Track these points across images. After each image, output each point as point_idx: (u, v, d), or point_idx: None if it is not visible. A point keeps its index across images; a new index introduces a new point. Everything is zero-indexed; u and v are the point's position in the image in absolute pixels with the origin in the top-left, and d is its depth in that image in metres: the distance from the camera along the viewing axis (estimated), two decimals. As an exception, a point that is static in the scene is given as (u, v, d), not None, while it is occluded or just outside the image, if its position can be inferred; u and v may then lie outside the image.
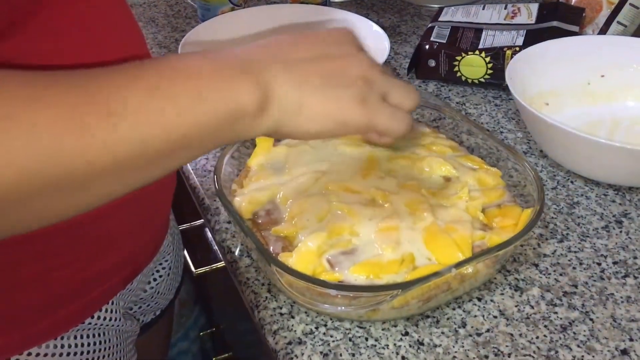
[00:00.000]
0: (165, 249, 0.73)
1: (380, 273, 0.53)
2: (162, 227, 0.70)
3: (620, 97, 0.83)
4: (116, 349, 0.63)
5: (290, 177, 0.63)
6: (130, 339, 0.68)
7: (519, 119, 0.84)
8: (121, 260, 0.60)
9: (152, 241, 0.67)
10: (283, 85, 0.41)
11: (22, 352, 0.54)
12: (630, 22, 0.92)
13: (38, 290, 0.53)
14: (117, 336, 0.64)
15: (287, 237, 0.57)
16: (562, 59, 0.83)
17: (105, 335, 0.61)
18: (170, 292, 0.78)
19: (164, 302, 0.77)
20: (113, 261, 0.59)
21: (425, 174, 0.64)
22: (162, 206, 0.66)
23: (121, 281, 0.62)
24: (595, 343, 0.54)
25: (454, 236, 0.56)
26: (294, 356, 0.52)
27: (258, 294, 0.58)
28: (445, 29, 0.94)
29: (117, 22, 0.53)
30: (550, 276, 0.60)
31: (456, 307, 0.57)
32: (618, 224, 0.66)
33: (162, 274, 0.74)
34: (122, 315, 0.64)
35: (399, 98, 0.47)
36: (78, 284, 0.56)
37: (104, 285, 0.59)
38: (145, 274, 0.68)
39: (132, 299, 0.68)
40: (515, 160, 0.63)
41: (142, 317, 0.75)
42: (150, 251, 0.67)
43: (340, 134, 0.45)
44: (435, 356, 0.52)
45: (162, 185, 0.63)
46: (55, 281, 0.54)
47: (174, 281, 0.78)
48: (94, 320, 0.59)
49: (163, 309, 0.79)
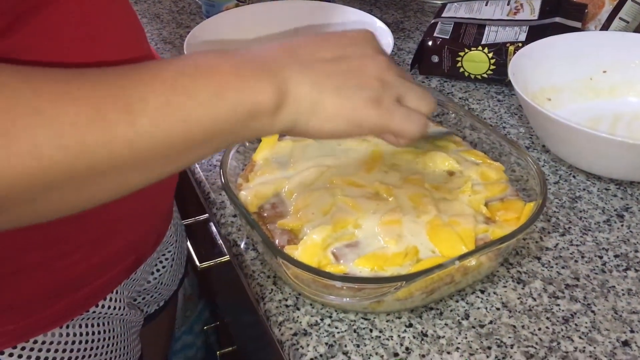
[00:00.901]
0: (169, 239, 0.74)
1: (384, 265, 0.54)
2: (165, 217, 0.71)
3: (622, 92, 0.84)
4: (120, 339, 0.64)
5: (295, 171, 0.64)
6: (134, 329, 0.69)
7: (521, 114, 0.85)
8: (124, 249, 0.61)
9: (155, 230, 0.68)
10: (300, 85, 0.42)
11: (28, 340, 0.55)
12: (632, 18, 0.92)
13: (42, 278, 0.54)
14: (121, 326, 0.65)
15: (293, 230, 0.58)
16: (565, 55, 0.83)
17: (109, 325, 0.62)
18: (174, 284, 0.79)
19: (167, 293, 0.78)
20: (116, 250, 0.60)
21: (429, 168, 0.65)
22: (165, 195, 0.67)
23: (125, 270, 0.63)
24: (597, 335, 0.54)
25: (457, 229, 0.57)
26: (299, 347, 0.53)
27: (264, 287, 0.59)
28: (448, 24, 0.94)
29: (118, 18, 0.53)
30: (552, 269, 0.61)
31: (459, 299, 0.58)
32: (619, 218, 0.67)
33: (166, 265, 0.75)
34: (126, 304, 0.65)
35: (415, 101, 0.47)
36: (82, 272, 0.56)
37: (108, 274, 0.60)
38: (149, 264, 0.69)
39: (137, 288, 0.69)
40: (518, 154, 0.64)
41: (146, 308, 0.76)
42: (153, 240, 0.68)
43: (355, 135, 0.46)
44: (439, 347, 0.53)
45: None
46: (59, 269, 0.54)
47: (177, 272, 0.79)
48: (98, 309, 0.60)
49: (167, 300, 0.80)
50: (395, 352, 0.53)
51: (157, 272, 0.74)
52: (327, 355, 0.52)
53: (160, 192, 0.65)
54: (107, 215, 0.56)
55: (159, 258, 0.74)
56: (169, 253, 0.75)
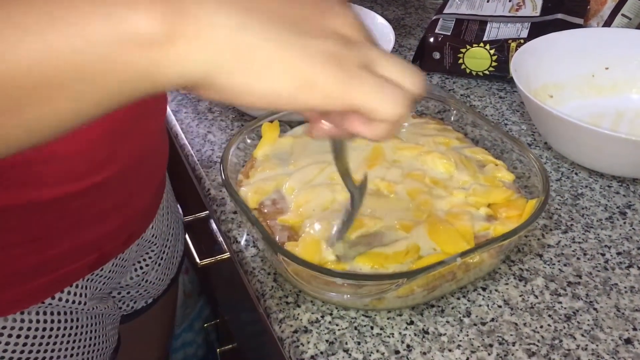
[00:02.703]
0: (150, 239, 0.72)
1: (385, 263, 0.53)
2: (139, 217, 0.68)
3: (624, 89, 0.83)
4: (85, 330, 0.63)
5: (296, 168, 0.64)
6: (109, 321, 0.69)
7: (523, 111, 0.84)
8: (84, 246, 0.60)
9: (124, 229, 0.65)
10: (216, 16, 0.31)
11: None
12: (634, 14, 0.92)
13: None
14: (87, 317, 0.64)
15: (293, 226, 0.58)
16: (567, 52, 0.83)
17: (71, 315, 0.62)
18: (162, 283, 0.79)
19: (154, 291, 0.78)
20: (74, 246, 0.58)
21: (429, 164, 0.65)
22: (139, 196, 0.65)
23: (86, 266, 0.62)
24: (599, 332, 0.54)
25: (457, 226, 0.56)
26: (299, 344, 0.53)
27: (264, 283, 0.59)
28: (449, 21, 0.94)
29: None
30: (554, 266, 0.60)
31: (461, 296, 0.57)
32: (622, 215, 0.67)
33: (150, 263, 0.74)
34: (95, 298, 0.64)
35: (394, 72, 0.35)
36: (34, 264, 0.56)
37: (65, 269, 0.59)
38: (124, 260, 0.67)
39: (110, 284, 0.68)
40: (520, 151, 0.63)
41: (132, 303, 0.76)
42: (123, 240, 0.66)
43: (302, 102, 0.33)
44: (440, 345, 0.53)
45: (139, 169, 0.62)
46: (12, 258, 0.54)
47: (166, 271, 0.78)
48: (55, 301, 0.59)
49: (155, 298, 0.79)
50: (396, 350, 0.52)
51: (140, 269, 0.73)
52: (328, 352, 0.52)
53: (130, 194, 0.63)
54: (67, 210, 0.55)
55: (142, 256, 0.73)
56: (152, 252, 0.74)
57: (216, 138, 0.81)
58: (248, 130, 0.67)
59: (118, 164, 0.58)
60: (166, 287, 0.80)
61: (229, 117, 0.85)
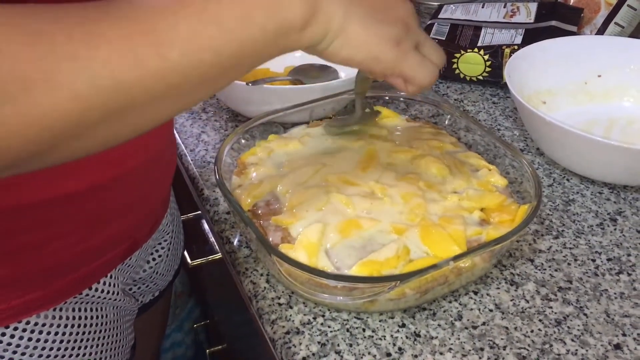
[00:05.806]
0: (165, 228, 0.74)
1: (381, 270, 0.53)
2: (162, 204, 0.71)
3: (617, 96, 0.84)
4: (113, 325, 0.64)
5: (290, 169, 0.64)
6: (128, 318, 0.69)
7: (516, 117, 0.85)
8: (120, 234, 0.61)
9: (151, 217, 0.68)
10: (331, 5, 0.43)
11: (20, 320, 0.54)
12: (627, 23, 0.93)
13: (36, 258, 0.54)
14: (114, 312, 0.65)
15: (287, 227, 0.58)
16: (560, 59, 0.83)
17: (102, 310, 0.62)
18: (169, 274, 0.79)
19: (162, 283, 0.78)
20: (112, 233, 0.60)
21: (423, 168, 0.65)
22: (162, 181, 0.67)
23: (120, 254, 0.63)
24: (589, 337, 0.54)
25: (449, 230, 0.57)
26: (291, 345, 0.53)
27: (256, 284, 0.59)
28: (444, 26, 0.94)
29: None
30: (545, 271, 0.61)
31: (452, 300, 0.57)
32: (612, 222, 0.67)
33: (162, 254, 0.75)
34: (120, 290, 0.65)
35: (430, 51, 0.50)
36: (76, 255, 0.56)
37: (103, 257, 0.60)
38: (145, 251, 0.69)
39: (132, 275, 0.69)
40: (513, 156, 0.64)
41: (141, 297, 0.76)
42: (150, 227, 0.68)
43: (367, 68, 0.47)
44: (432, 348, 0.53)
45: (161, 159, 0.64)
46: (53, 251, 0.54)
47: (173, 263, 0.79)
48: (91, 292, 0.60)
49: (162, 290, 0.79)
50: (387, 352, 0.52)
51: (152, 260, 0.74)
52: (320, 354, 0.52)
53: (158, 178, 0.65)
54: (103, 200, 0.56)
55: (155, 247, 0.73)
56: (165, 242, 0.75)
57: (210, 138, 0.81)
58: (242, 131, 0.67)
59: (150, 151, 0.60)
60: (171, 279, 0.81)
61: (223, 117, 0.85)
